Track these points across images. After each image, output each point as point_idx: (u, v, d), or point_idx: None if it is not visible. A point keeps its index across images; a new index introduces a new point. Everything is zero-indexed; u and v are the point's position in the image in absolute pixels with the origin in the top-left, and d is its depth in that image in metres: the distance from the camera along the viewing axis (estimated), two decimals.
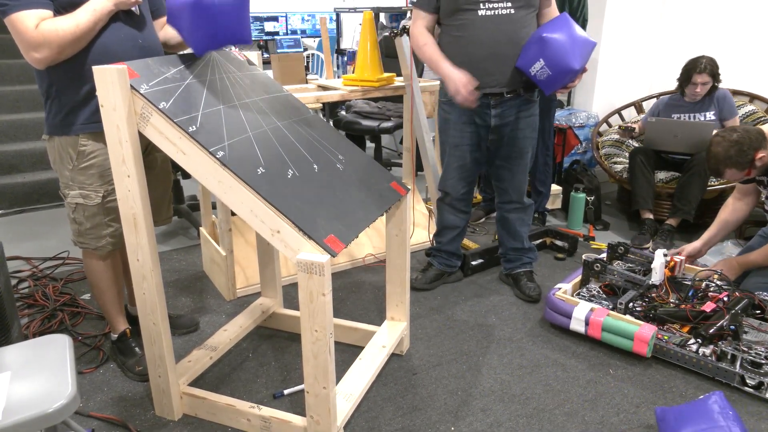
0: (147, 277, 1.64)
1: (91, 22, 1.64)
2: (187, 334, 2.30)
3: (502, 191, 2.53)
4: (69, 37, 1.61)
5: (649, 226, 3.18)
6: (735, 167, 2.21)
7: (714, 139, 2.19)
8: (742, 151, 2.11)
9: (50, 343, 1.44)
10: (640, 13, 4.08)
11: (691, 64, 3.18)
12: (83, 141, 1.77)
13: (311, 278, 1.42)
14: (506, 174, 2.47)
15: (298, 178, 1.59)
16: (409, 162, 3.09)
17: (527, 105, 2.34)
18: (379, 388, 1.96)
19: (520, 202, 2.53)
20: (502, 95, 2.27)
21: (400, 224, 1.98)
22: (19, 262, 2.95)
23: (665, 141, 3.21)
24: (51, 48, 1.61)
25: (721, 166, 2.20)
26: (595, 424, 1.79)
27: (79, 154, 1.78)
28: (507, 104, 2.30)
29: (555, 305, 2.27)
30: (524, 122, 2.35)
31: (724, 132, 2.20)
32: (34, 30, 1.58)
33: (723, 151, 2.14)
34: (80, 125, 1.76)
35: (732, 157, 2.12)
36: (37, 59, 1.63)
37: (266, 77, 2.00)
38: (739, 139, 2.11)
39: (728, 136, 2.15)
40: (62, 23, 1.60)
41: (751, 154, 2.15)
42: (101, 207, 1.84)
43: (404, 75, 2.94)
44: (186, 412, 1.83)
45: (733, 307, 2.10)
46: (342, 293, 2.64)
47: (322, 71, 5.37)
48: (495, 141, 2.39)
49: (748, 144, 2.11)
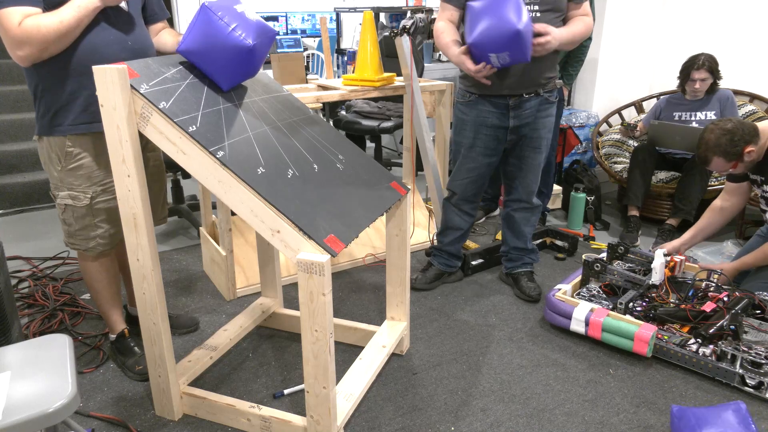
0: (147, 277, 1.64)
1: (75, 18, 1.60)
2: (187, 334, 2.30)
3: (512, 189, 2.53)
4: (52, 34, 1.58)
5: (635, 223, 3.23)
6: (723, 156, 2.21)
7: (708, 126, 2.20)
8: (733, 141, 2.12)
9: (50, 343, 1.44)
10: (640, 13, 4.08)
11: (690, 62, 3.19)
12: (70, 142, 1.75)
13: (311, 278, 1.42)
14: (518, 173, 2.46)
15: (298, 177, 1.59)
16: (409, 162, 3.08)
17: (546, 105, 2.33)
18: (379, 388, 1.96)
19: (528, 202, 2.52)
20: (521, 95, 2.27)
21: (400, 224, 1.98)
22: (19, 262, 2.95)
23: (668, 143, 3.21)
24: (33, 45, 1.58)
25: (709, 153, 2.20)
26: (595, 424, 1.79)
27: (66, 155, 1.76)
28: (526, 105, 2.29)
29: (555, 306, 2.26)
30: (542, 122, 2.35)
31: (719, 120, 2.21)
32: (17, 27, 1.55)
33: (714, 138, 2.15)
34: (67, 126, 1.74)
35: (722, 146, 2.13)
36: (20, 57, 1.61)
37: (266, 77, 2.00)
38: (732, 128, 2.12)
39: (722, 125, 2.16)
40: (45, 20, 1.57)
41: (741, 146, 2.15)
42: (90, 208, 1.82)
43: (404, 75, 2.93)
44: (186, 412, 1.83)
45: (733, 306, 2.10)
46: (342, 293, 2.64)
47: (322, 71, 5.36)
48: (512, 141, 2.39)
49: (740, 135, 2.11)
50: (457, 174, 2.51)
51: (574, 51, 3.10)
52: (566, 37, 2.19)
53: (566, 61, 3.16)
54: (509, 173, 2.49)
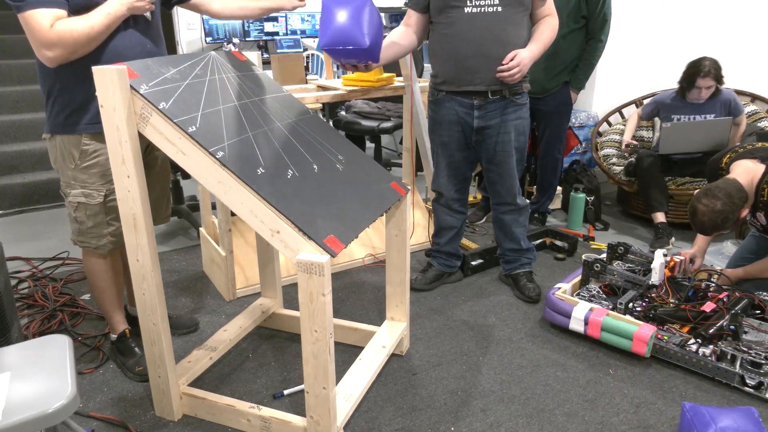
0: (147, 278, 1.64)
1: (104, 25, 1.66)
2: (187, 334, 2.30)
3: (495, 193, 2.53)
4: (83, 38, 1.63)
5: (663, 230, 3.10)
6: (721, 230, 2.22)
7: (699, 207, 2.16)
8: (727, 218, 2.13)
9: (50, 343, 1.44)
10: (640, 12, 4.08)
11: (695, 68, 3.08)
12: (86, 140, 1.79)
13: (311, 278, 1.42)
14: (495, 177, 2.46)
15: (297, 178, 1.59)
16: (408, 162, 3.09)
17: (513, 108, 2.30)
18: (379, 389, 1.96)
19: (513, 204, 2.51)
20: (486, 96, 2.26)
21: (399, 224, 1.98)
22: (19, 263, 2.95)
23: (682, 144, 3.14)
24: (64, 48, 1.62)
25: (707, 232, 2.21)
26: (595, 425, 1.79)
27: (81, 153, 1.79)
28: (491, 106, 2.28)
29: (554, 305, 2.26)
30: (510, 125, 2.32)
31: (707, 199, 2.15)
32: (49, 29, 1.59)
33: (709, 221, 2.15)
34: (84, 125, 1.77)
35: (718, 226, 2.15)
36: (49, 58, 1.64)
37: (266, 77, 2.00)
38: (723, 208, 2.10)
39: (712, 206, 2.12)
40: (77, 24, 1.62)
41: (735, 217, 2.15)
42: (103, 206, 1.85)
43: (404, 75, 2.94)
44: (186, 413, 1.83)
45: (733, 307, 2.10)
46: (342, 293, 2.63)
47: (321, 71, 5.36)
48: (479, 142, 2.38)
49: (731, 211, 2.12)
50: (438, 172, 2.52)
51: (584, 54, 3.02)
52: (537, 53, 2.21)
53: (576, 65, 3.08)
54: (490, 179, 2.49)
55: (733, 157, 2.31)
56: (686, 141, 3.14)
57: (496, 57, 2.17)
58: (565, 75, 3.09)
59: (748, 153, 2.28)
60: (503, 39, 2.16)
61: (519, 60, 2.13)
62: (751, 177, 2.18)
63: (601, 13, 2.93)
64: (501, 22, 2.15)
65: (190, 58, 1.76)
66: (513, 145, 2.37)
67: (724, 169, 2.33)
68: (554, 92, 3.12)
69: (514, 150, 2.38)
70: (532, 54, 2.17)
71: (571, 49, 3.02)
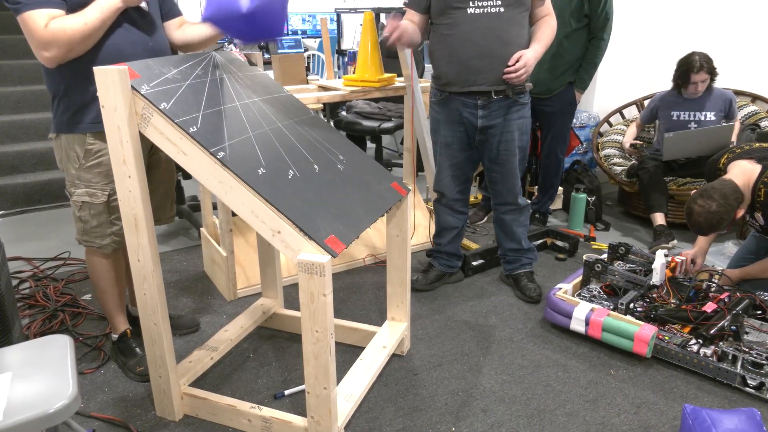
0: (148, 278, 1.64)
1: (99, 20, 1.64)
2: (188, 334, 2.30)
3: (496, 193, 2.53)
4: (77, 35, 1.62)
5: (661, 231, 3.10)
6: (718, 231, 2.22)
7: (695, 208, 2.16)
8: (723, 219, 2.13)
9: (51, 343, 1.44)
10: (640, 12, 4.07)
11: (686, 64, 3.15)
12: (90, 140, 1.79)
13: (312, 279, 1.42)
14: (497, 176, 2.46)
15: (298, 178, 1.59)
16: (409, 162, 3.09)
17: (517, 107, 2.31)
18: (380, 389, 1.96)
19: (514, 204, 2.52)
20: (490, 95, 2.26)
21: (400, 225, 1.98)
22: (20, 263, 2.95)
23: (685, 151, 3.16)
24: (60, 46, 1.62)
25: (703, 232, 2.21)
26: (596, 425, 1.79)
27: (86, 152, 1.80)
28: (494, 105, 2.28)
29: (555, 305, 2.26)
30: (514, 125, 2.33)
31: (703, 200, 2.15)
32: (44, 29, 1.59)
33: (704, 221, 2.15)
34: (88, 124, 1.78)
35: (714, 227, 2.15)
36: (47, 58, 1.64)
37: (267, 78, 2.00)
38: (718, 209, 2.11)
39: (708, 207, 2.12)
40: (70, 21, 1.61)
41: (730, 218, 2.15)
42: (106, 205, 1.85)
43: (405, 75, 2.94)
44: (187, 413, 1.83)
45: (734, 307, 2.10)
46: (343, 294, 2.64)
47: (322, 72, 5.37)
48: (482, 142, 2.38)
49: (726, 212, 2.12)
50: (440, 173, 2.52)
51: (587, 54, 3.02)
52: (541, 53, 2.22)
53: (580, 65, 3.07)
54: (492, 179, 2.49)
55: (730, 158, 2.31)
56: (689, 148, 3.16)
57: (500, 57, 2.18)
58: (570, 75, 3.08)
59: (745, 153, 2.28)
60: (506, 39, 2.17)
61: (525, 60, 2.15)
62: (748, 177, 2.18)
63: (603, 12, 2.92)
64: (503, 22, 2.16)
65: (192, 58, 1.76)
66: (516, 144, 2.37)
67: (721, 169, 2.33)
68: (559, 93, 3.11)
69: (517, 149, 2.39)
70: (536, 54, 2.19)
71: (575, 49, 3.02)
